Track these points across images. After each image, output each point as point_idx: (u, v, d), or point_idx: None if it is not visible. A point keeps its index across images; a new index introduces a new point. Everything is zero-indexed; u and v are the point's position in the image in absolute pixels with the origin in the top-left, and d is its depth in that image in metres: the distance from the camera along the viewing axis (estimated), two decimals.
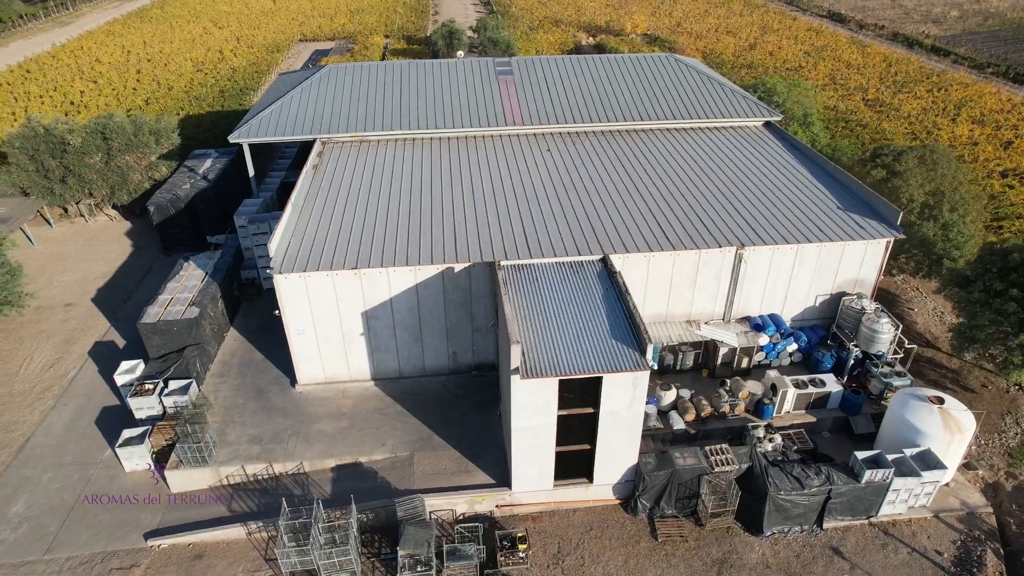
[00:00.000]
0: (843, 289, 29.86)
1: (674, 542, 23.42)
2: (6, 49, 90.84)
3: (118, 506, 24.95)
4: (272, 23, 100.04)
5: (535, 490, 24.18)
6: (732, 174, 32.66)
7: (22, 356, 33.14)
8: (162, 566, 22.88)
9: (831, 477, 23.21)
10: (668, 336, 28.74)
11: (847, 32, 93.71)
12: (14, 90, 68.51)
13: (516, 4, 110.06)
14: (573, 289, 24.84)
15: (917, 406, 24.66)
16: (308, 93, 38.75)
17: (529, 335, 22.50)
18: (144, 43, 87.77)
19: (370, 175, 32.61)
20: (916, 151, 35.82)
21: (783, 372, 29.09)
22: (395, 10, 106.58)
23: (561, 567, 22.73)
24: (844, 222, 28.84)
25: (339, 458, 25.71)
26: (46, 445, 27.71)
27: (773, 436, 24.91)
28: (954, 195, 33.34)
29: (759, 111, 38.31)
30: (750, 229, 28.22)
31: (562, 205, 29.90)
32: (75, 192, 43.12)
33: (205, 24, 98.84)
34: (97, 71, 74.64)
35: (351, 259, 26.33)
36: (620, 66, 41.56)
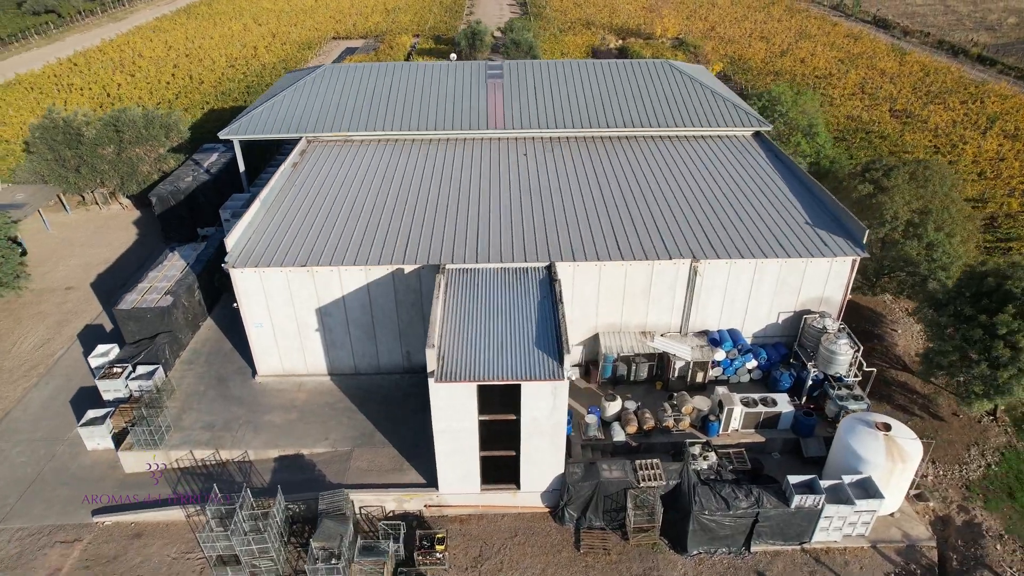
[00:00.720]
0: (808, 307, 29.02)
1: (596, 554, 23.29)
2: (62, 43, 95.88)
3: (76, 481, 26.29)
4: (309, 21, 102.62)
5: (462, 492, 24.41)
6: (704, 184, 32.10)
7: (18, 335, 35.16)
8: (102, 542, 24.04)
9: (760, 500, 22.69)
10: (620, 346, 28.51)
11: (889, 39, 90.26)
12: (59, 82, 72.30)
13: (551, 5, 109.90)
14: (511, 296, 24.94)
15: (862, 432, 23.85)
16: (301, 92, 39.82)
17: (454, 339, 22.73)
18: (186, 39, 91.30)
19: (344, 175, 33.34)
20: (909, 166, 34.50)
21: (741, 389, 28.56)
22: (430, 9, 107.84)
23: (479, 570, 22.90)
24: (809, 238, 28.02)
25: (282, 449, 26.47)
26: (22, 420, 29.37)
27: (708, 454, 24.46)
28: (942, 214, 31.98)
29: (749, 121, 37.47)
30: (707, 242, 27.71)
31: (522, 210, 29.97)
32: (88, 181, 45.38)
33: (246, 21, 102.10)
34: (137, 65, 78.06)
35: (304, 257, 27.04)
36: (614, 72, 41.24)
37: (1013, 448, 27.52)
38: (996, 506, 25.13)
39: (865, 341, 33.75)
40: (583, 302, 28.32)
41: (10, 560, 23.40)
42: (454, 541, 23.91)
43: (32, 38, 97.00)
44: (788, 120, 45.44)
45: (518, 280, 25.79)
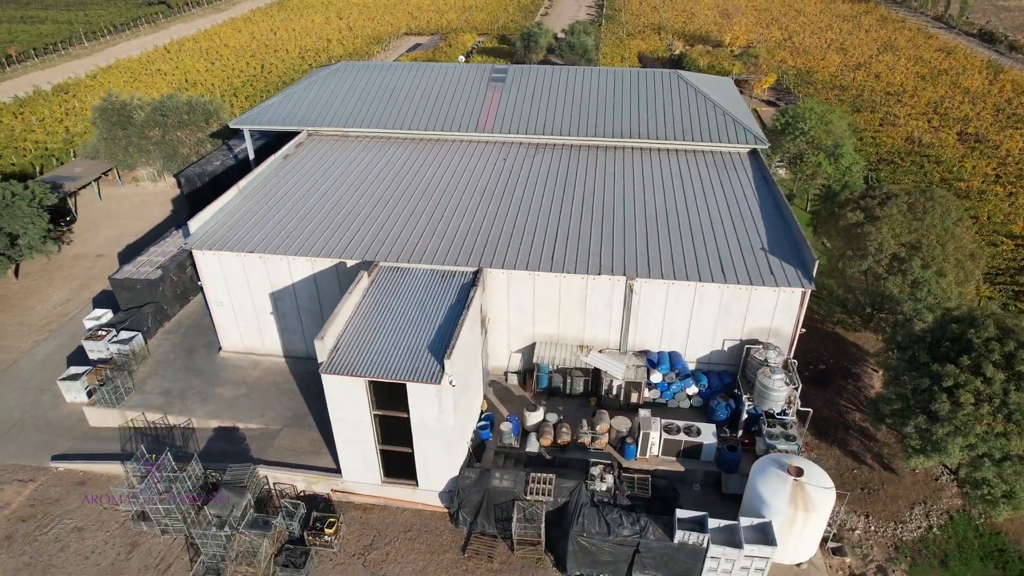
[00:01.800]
0: (755, 336, 27.73)
1: (479, 560, 23.52)
2: (166, 31, 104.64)
3: (48, 428, 29.29)
4: (387, 16, 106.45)
5: (365, 482, 25.27)
6: (669, 200, 31.22)
7: (46, 294, 39.29)
8: (52, 485, 26.73)
9: (645, 530, 22.13)
10: (554, 358, 28.39)
11: (989, 54, 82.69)
12: (149, 67, 79.15)
13: (628, 9, 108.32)
14: (430, 297, 25.48)
15: (771, 474, 22.70)
16: (310, 87, 41.90)
17: (358, 334, 23.58)
18: (270, 30, 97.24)
19: (325, 170, 34.91)
20: (910, 196, 32.07)
21: (679, 415, 27.75)
22: (505, 9, 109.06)
23: (364, 558, 23.70)
24: (756, 265, 26.75)
25: (221, 421, 28.33)
26: (24, 370, 32.94)
27: (606, 476, 24.02)
28: (934, 249, 29.52)
29: (746, 138, 35.92)
30: (647, 260, 27.04)
31: (475, 215, 30.33)
32: (136, 160, 49.69)
33: (329, 15, 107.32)
34: (219, 54, 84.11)
35: (259, 244, 28.72)
36: (620, 81, 40.60)
37: (966, 513, 25.19)
38: (922, 572, 23.18)
39: (842, 379, 31.85)
40: (520, 310, 28.43)
41: None
42: (351, 528, 24.83)
43: (142, 27, 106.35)
44: (811, 139, 43.07)
45: (442, 283, 26.29)
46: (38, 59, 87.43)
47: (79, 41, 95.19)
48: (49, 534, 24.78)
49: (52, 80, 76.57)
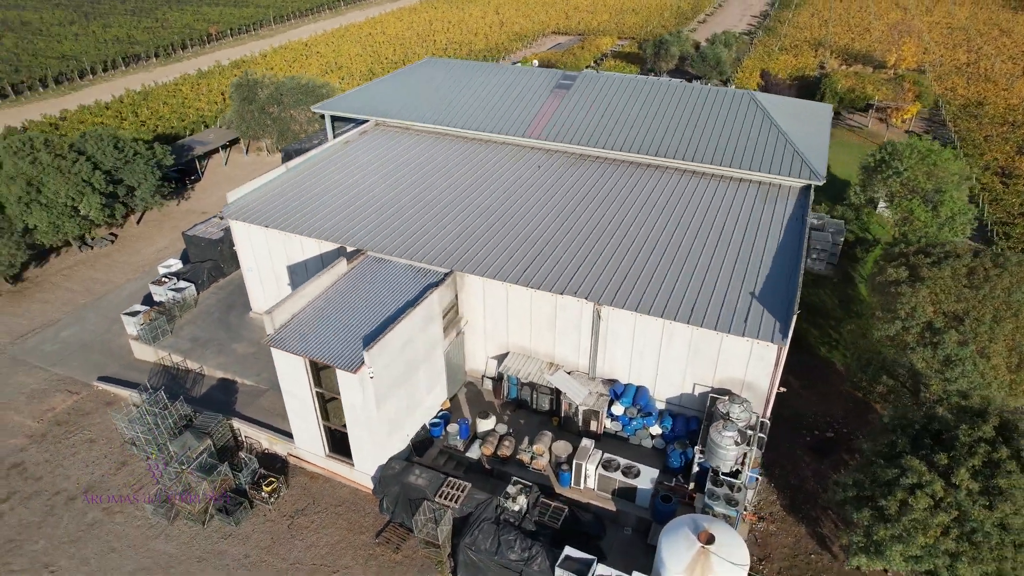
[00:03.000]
0: (728, 387, 25.59)
1: (385, 548, 24.41)
2: (343, 17, 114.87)
3: (106, 352, 34.58)
4: (542, 14, 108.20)
5: (312, 453, 27.12)
6: (675, 229, 29.44)
7: (153, 240, 45.87)
8: (89, 400, 31.66)
9: (533, 559, 21.69)
10: (521, 370, 28.28)
11: None
12: (309, 50, 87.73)
13: (795, 21, 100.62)
14: (396, 291, 26.56)
15: (679, 535, 21.11)
16: (395, 79, 44.43)
17: (315, 314, 25.32)
18: (428, 21, 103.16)
19: (370, 159, 37.12)
20: (977, 259, 27.61)
21: (637, 452, 26.57)
22: (660, 13, 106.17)
23: (292, 521, 25.58)
24: (733, 311, 24.59)
25: (225, 372, 31.70)
26: (110, 302, 38.94)
27: (519, 497, 23.66)
28: (981, 325, 25.23)
29: (800, 171, 32.67)
30: (618, 288, 25.92)
31: (479, 217, 30.76)
32: (256, 132, 55.91)
33: (487, 9, 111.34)
34: (374, 41, 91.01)
35: (281, 220, 31.51)
36: (688, 97, 38.57)
37: None
38: None
39: (848, 451, 28.41)
40: (494, 318, 28.63)
41: (35, 391, 32.14)
42: (293, 492, 26.84)
43: (324, 12, 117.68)
44: (905, 180, 38.03)
45: (414, 279, 27.23)
46: (232, 38, 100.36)
47: (268, 24, 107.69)
48: (70, 440, 29.50)
49: (238, 56, 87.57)
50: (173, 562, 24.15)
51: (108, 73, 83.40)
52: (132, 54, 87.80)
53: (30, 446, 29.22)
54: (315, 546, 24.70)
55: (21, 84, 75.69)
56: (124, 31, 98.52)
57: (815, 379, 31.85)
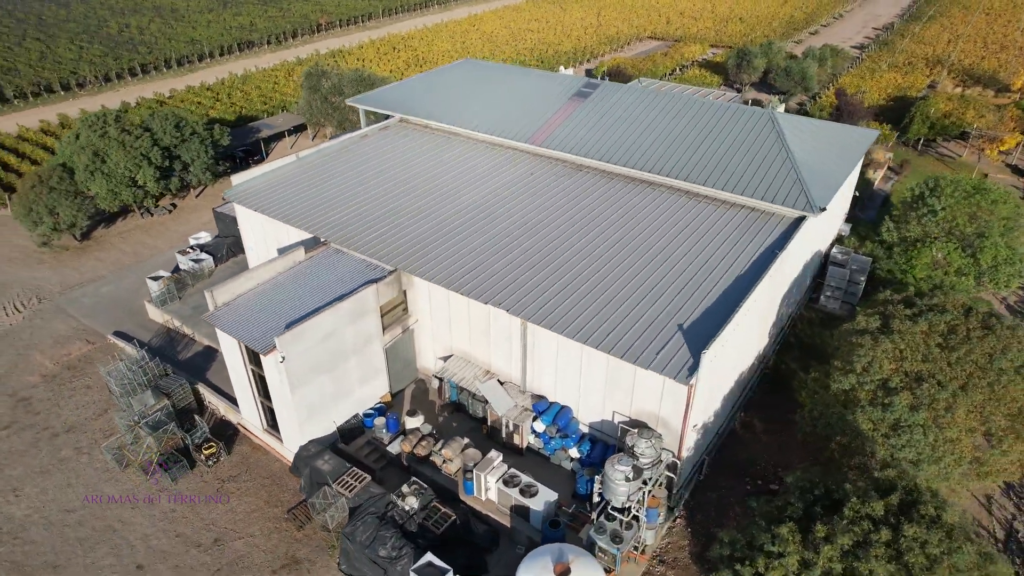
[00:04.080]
0: (645, 420, 24.53)
1: (290, 525, 25.71)
2: (449, 13, 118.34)
3: (128, 309, 38.53)
4: (642, 18, 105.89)
5: (254, 425, 28.96)
6: (632, 251, 28.35)
7: (204, 212, 50.09)
8: (100, 351, 35.48)
9: (399, 560, 22.11)
10: (455, 374, 28.59)
11: None
12: (401, 44, 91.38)
13: (921, 35, 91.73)
14: (342, 283, 27.69)
15: (537, 564, 20.80)
16: (429, 77, 45.69)
17: (259, 296, 27.01)
18: (530, 20, 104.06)
19: (380, 154, 38.52)
20: (964, 317, 24.68)
21: (556, 472, 26.23)
22: (769, 23, 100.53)
23: (222, 485, 27.53)
24: (651, 344, 23.44)
25: (210, 341, 34.37)
26: (150, 264, 43.09)
27: (410, 498, 24.05)
28: (941, 391, 22.58)
29: (798, 203, 30.33)
30: (544, 305, 25.47)
31: (440, 218, 31.19)
32: (320, 120, 59.39)
33: (589, 11, 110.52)
34: (467, 39, 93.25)
35: (273, 207, 33.64)
36: (706, 112, 36.72)
37: None
38: None
39: None
40: (439, 320, 29.10)
41: (61, 336, 36.50)
42: (233, 459, 28.83)
43: (432, 7, 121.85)
44: (941, 220, 34.17)
45: (363, 273, 28.26)
46: (340, 29, 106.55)
47: (377, 16, 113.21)
48: (72, 384, 33.30)
49: (338, 47, 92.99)
50: (112, 505, 26.81)
51: (224, 57, 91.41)
52: (247, 40, 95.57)
53: (41, 384, 33.30)
54: (233, 511, 26.50)
55: (149, 64, 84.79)
56: (248, 19, 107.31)
57: (781, 425, 29.62)
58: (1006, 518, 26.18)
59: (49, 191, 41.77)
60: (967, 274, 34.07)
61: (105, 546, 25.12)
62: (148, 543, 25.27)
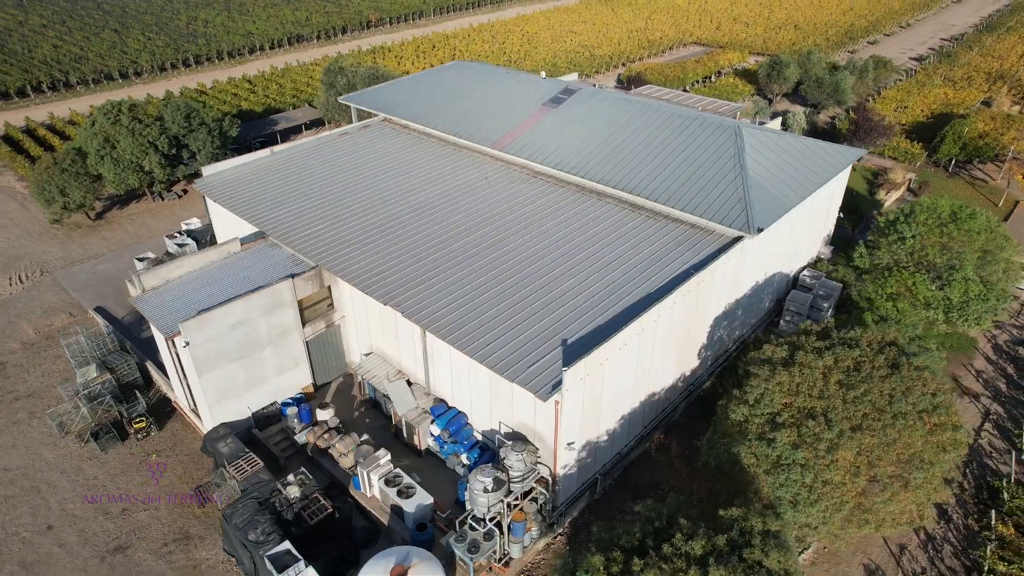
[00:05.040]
0: (524, 432, 24.35)
1: (193, 501, 27.02)
2: (501, 12, 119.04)
3: (113, 288, 41.17)
4: (692, 22, 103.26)
5: (184, 404, 30.50)
6: (550, 263, 28.01)
7: None
8: (77, 323, 38.07)
9: (264, 545, 22.89)
10: (368, 371, 29.20)
11: None
12: (441, 43, 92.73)
13: (992, 49, 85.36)
14: (265, 275, 28.78)
15: (379, 565, 21.21)
16: (419, 78, 46.43)
17: (186, 283, 28.48)
18: (577, 21, 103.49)
19: (353, 153, 39.47)
20: (877, 353, 23.29)
21: (447, 476, 26.47)
22: (824, 32, 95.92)
23: (144, 458, 29.17)
24: (525, 357, 23.19)
25: None
26: (146, 245, 45.93)
27: (292, 487, 24.76)
28: (828, 430, 21.41)
29: (736, 222, 29.20)
30: (439, 312, 25.57)
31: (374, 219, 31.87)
32: (334, 114, 61.28)
33: (638, 15, 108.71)
34: (508, 39, 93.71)
35: (229, 199, 35.14)
36: (667, 123, 35.67)
37: None
38: None
39: None
40: (360, 317, 29.77)
41: (49, 308, 39.44)
42: (164, 434, 30.49)
43: (485, 6, 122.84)
44: (911, 250, 32.06)
45: (288, 267, 29.24)
46: (390, 26, 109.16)
47: (428, 15, 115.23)
48: (46, 353, 35.90)
49: (380, 43, 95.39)
50: (44, 467, 28.91)
51: (273, 51, 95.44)
52: (298, 35, 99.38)
53: (19, 351, 36.15)
54: (147, 484, 28.08)
55: (202, 56, 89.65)
56: (305, 14, 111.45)
57: (697, 452, 28.63)
58: (913, 571, 24.47)
59: (61, 172, 45.10)
60: (935, 307, 31.92)
61: (26, 506, 27.16)
62: (64, 507, 27.14)
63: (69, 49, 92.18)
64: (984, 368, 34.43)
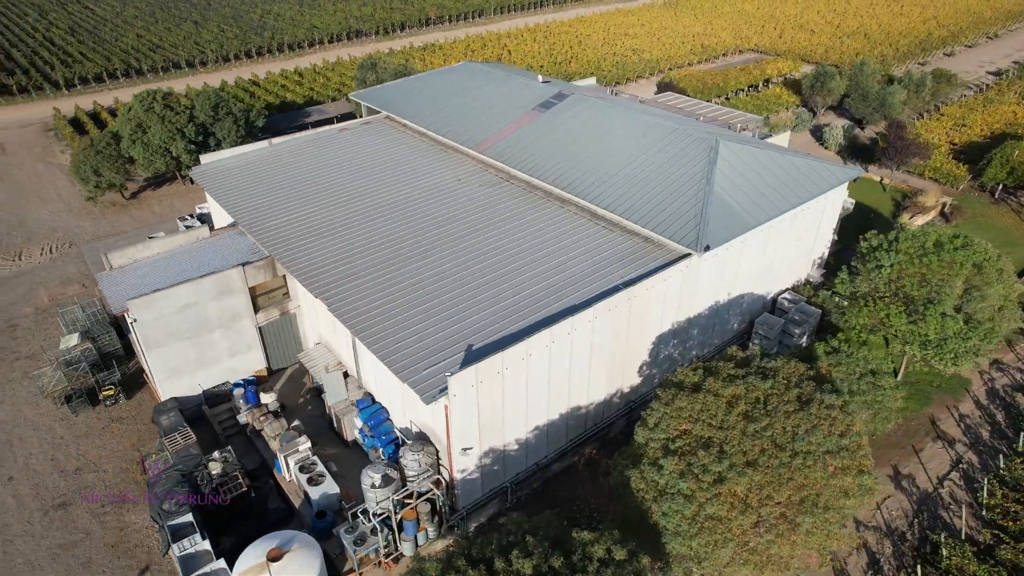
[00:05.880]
0: (426, 432, 24.63)
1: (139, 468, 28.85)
2: (563, 13, 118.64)
3: None
4: (753, 28, 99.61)
5: (150, 376, 32.53)
6: (490, 267, 28.13)
7: None
8: (87, 293, 41.23)
9: (173, 515, 24.25)
10: (311, 360, 30.24)
11: None
12: (492, 43, 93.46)
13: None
14: (224, 261, 30.29)
15: (261, 547, 21.97)
16: (424, 79, 47.20)
17: (154, 264, 30.34)
18: (634, 24, 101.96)
19: (346, 149, 40.65)
20: (789, 387, 22.29)
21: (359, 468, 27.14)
22: (895, 42, 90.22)
23: (109, 424, 31.35)
24: (429, 359, 23.42)
25: None
26: (164, 225, 49.07)
27: (214, 464, 26.01)
28: (718, 462, 20.68)
29: (685, 239, 28.32)
30: (364, 310, 26.16)
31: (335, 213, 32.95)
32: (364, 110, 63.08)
33: (700, 20, 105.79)
34: (559, 40, 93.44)
35: (217, 188, 37.02)
36: (649, 132, 34.81)
37: None
38: None
39: None
40: (308, 307, 30.83)
41: (66, 278, 42.81)
42: (132, 403, 32.62)
43: (547, 6, 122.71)
44: (889, 279, 30.10)
45: (242, 254, 30.65)
46: (448, 24, 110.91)
47: (488, 13, 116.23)
48: (52, 320, 38.96)
49: (435, 41, 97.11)
50: (22, 423, 31.58)
51: (332, 45, 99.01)
52: (357, 30, 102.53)
53: (31, 316, 39.49)
54: (104, 448, 30.20)
55: (263, 47, 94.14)
56: (371, 10, 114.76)
57: None
58: None
59: (96, 154, 48.77)
60: (910, 342, 29.85)
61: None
62: (28, 462, 29.58)
63: (150, 39, 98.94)
64: (970, 412, 31.89)
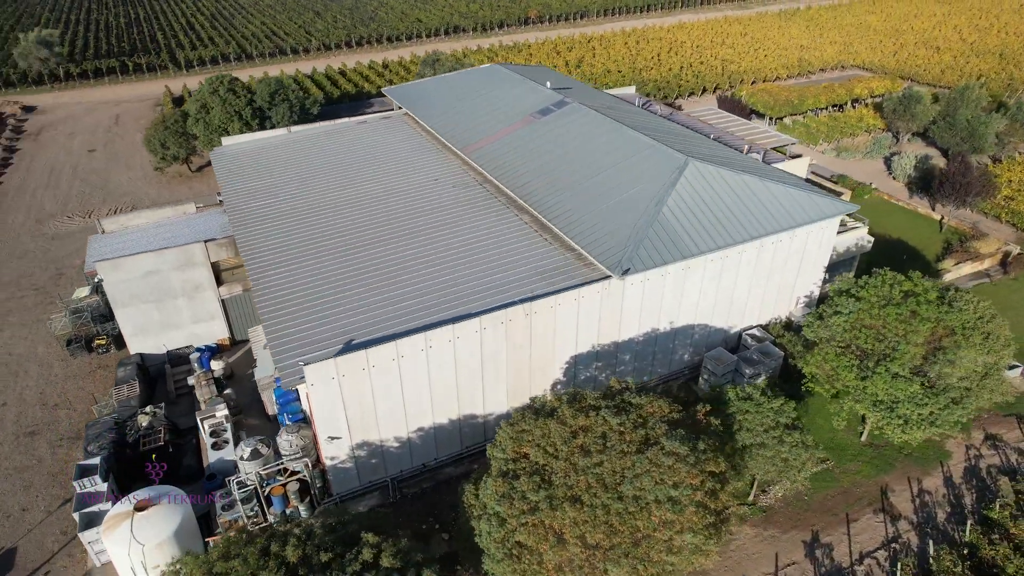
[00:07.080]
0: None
1: None
2: (669, 18, 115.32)
3: None
4: (864, 44, 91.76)
5: None
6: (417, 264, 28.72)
7: None
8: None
9: (94, 456, 27.12)
10: (255, 334, 32.34)
11: None
12: (582, 44, 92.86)
13: None
14: (196, 236, 33.14)
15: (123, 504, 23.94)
16: (449, 79, 48.18)
17: (142, 230, 33.78)
18: (734, 35, 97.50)
19: (355, 140, 42.56)
20: (640, 427, 21.45)
21: None
22: (1017, 63, 79.52)
23: (95, 371, 35.37)
24: (310, 349, 24.53)
25: None
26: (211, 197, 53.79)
27: (142, 419, 28.65)
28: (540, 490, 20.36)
29: (607, 261, 27.36)
30: (282, 295, 27.73)
31: (314, 206, 34.68)
32: None
33: (806, 32, 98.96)
34: (644, 47, 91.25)
35: (224, 169, 40.11)
36: (625, 147, 33.62)
37: None
38: None
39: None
40: None
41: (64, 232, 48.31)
42: (121, 353, 36.41)
43: (654, 10, 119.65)
44: (843, 327, 27.48)
45: (214, 231, 33.30)
46: (547, 24, 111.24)
47: (590, 15, 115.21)
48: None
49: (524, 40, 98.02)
50: (32, 358, 36.31)
51: (430, 39, 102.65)
52: (455, 25, 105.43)
53: (79, 267, 44.95)
54: (82, 389, 34.11)
55: (364, 38, 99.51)
56: (478, 7, 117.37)
57: None
58: None
59: (164, 129, 54.39)
60: (860, 400, 27.06)
61: (0, 384, 34.57)
62: (23, 392, 34.04)
63: (271, 26, 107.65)
64: (934, 489, 28.34)
